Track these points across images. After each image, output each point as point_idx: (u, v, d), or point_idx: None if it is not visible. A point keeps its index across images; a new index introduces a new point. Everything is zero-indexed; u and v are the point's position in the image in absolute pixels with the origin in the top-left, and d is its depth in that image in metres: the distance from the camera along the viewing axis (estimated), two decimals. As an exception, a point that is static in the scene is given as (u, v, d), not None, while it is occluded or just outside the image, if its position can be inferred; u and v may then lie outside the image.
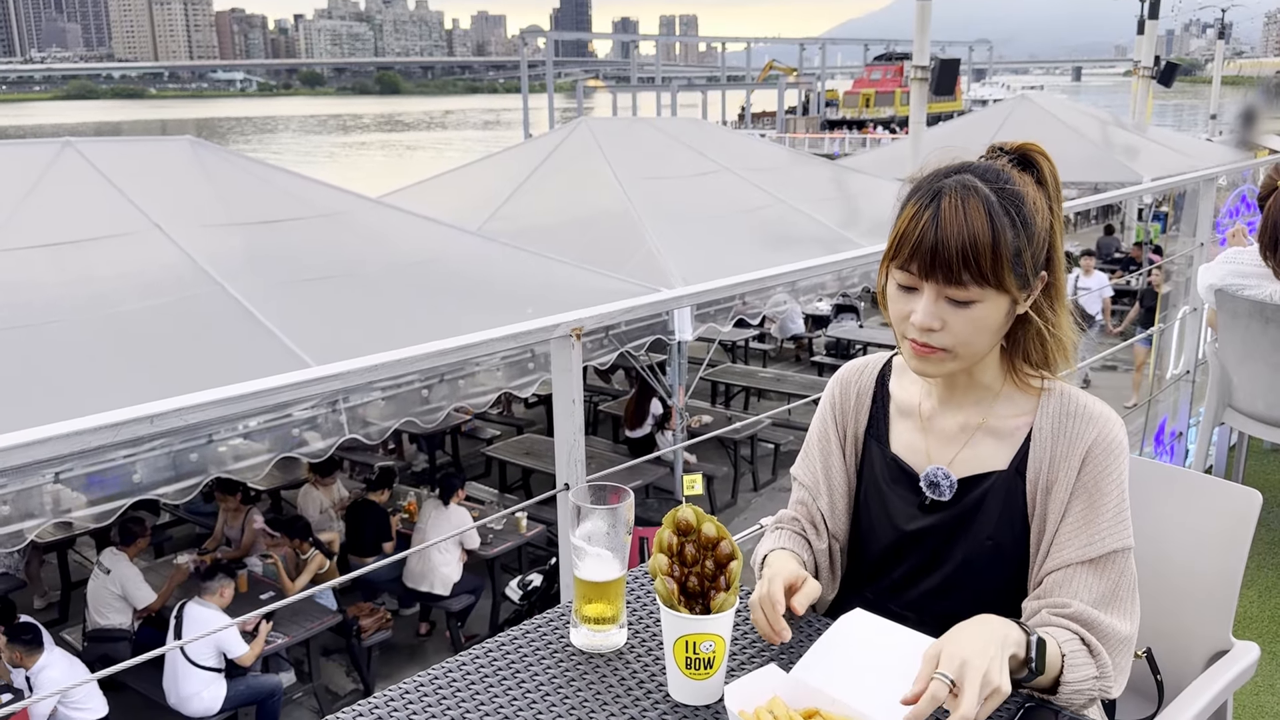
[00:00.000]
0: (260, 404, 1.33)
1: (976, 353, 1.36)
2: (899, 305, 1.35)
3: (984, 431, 1.43)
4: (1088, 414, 1.39)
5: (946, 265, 1.27)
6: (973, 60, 71.11)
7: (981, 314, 1.31)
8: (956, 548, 1.43)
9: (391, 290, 6.66)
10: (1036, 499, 1.40)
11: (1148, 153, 15.82)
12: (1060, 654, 1.28)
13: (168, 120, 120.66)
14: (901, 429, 1.51)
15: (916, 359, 1.36)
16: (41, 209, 6.47)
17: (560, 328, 1.67)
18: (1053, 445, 1.39)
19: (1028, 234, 1.31)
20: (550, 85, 43.26)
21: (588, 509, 1.28)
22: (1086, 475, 1.36)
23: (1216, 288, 3.35)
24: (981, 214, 1.27)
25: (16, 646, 5.26)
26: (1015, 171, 1.36)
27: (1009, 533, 1.41)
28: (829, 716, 1.13)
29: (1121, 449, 1.38)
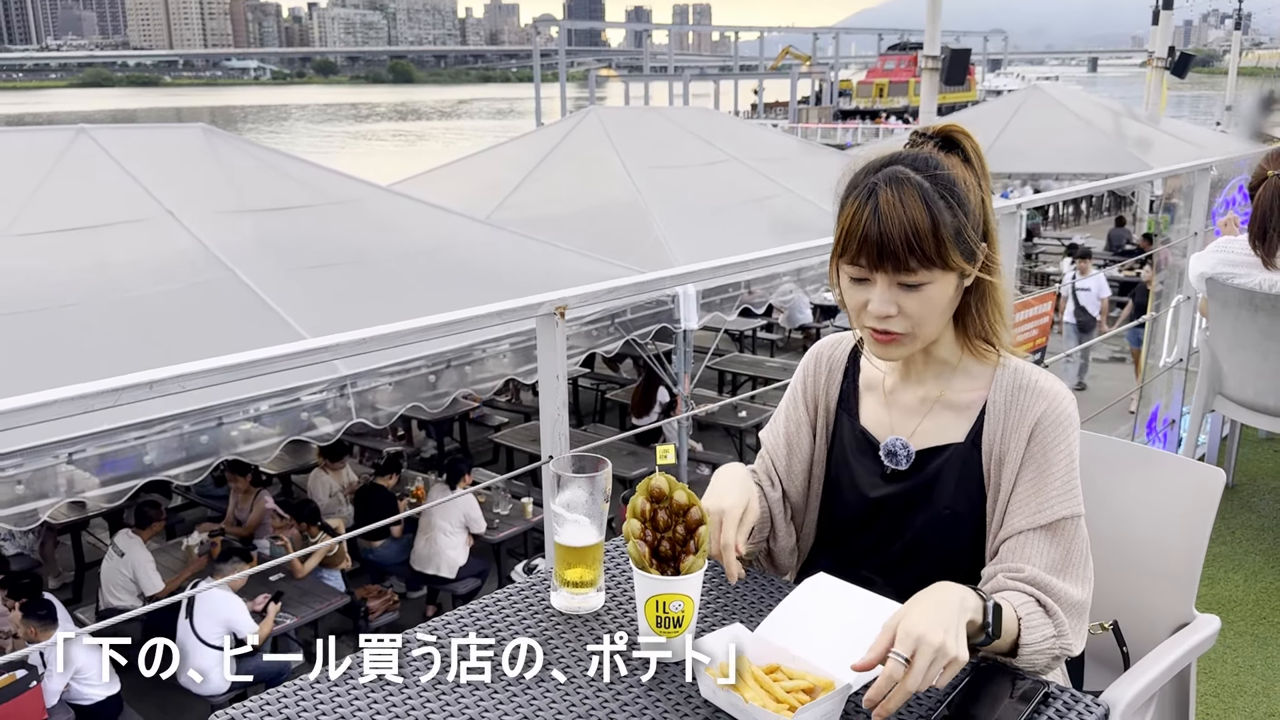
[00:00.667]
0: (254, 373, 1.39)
1: (932, 332, 1.43)
2: (854, 297, 1.42)
3: (941, 405, 1.51)
4: (1037, 388, 1.46)
5: (894, 255, 1.34)
6: (988, 51, 70.82)
7: (932, 294, 1.38)
8: (917, 516, 1.50)
9: (400, 277, 6.74)
10: (991, 469, 1.47)
11: (1160, 144, 15.78)
12: (1016, 617, 1.33)
13: (182, 108, 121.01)
14: (869, 403, 1.59)
15: (878, 346, 1.43)
16: (56, 195, 6.57)
17: (545, 305, 1.73)
18: (1005, 418, 1.46)
19: (964, 212, 1.38)
20: (563, 74, 43.28)
21: (567, 478, 1.35)
22: (1035, 446, 1.43)
23: (1207, 276, 3.39)
24: (918, 202, 1.34)
25: (31, 621, 5.37)
26: (941, 155, 1.43)
27: (966, 502, 1.48)
28: (789, 672, 1.20)
29: (1070, 421, 1.45)
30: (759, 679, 1.18)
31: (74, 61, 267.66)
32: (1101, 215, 24.34)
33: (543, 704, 1.18)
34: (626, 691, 1.21)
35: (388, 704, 1.19)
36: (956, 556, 1.49)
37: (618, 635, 1.29)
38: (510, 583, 5.57)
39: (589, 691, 1.21)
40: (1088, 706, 1.20)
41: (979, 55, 61.80)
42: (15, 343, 5.33)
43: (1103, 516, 1.71)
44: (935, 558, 1.49)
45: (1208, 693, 2.79)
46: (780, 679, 1.19)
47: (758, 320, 13.45)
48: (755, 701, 1.14)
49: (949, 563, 1.47)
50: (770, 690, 1.16)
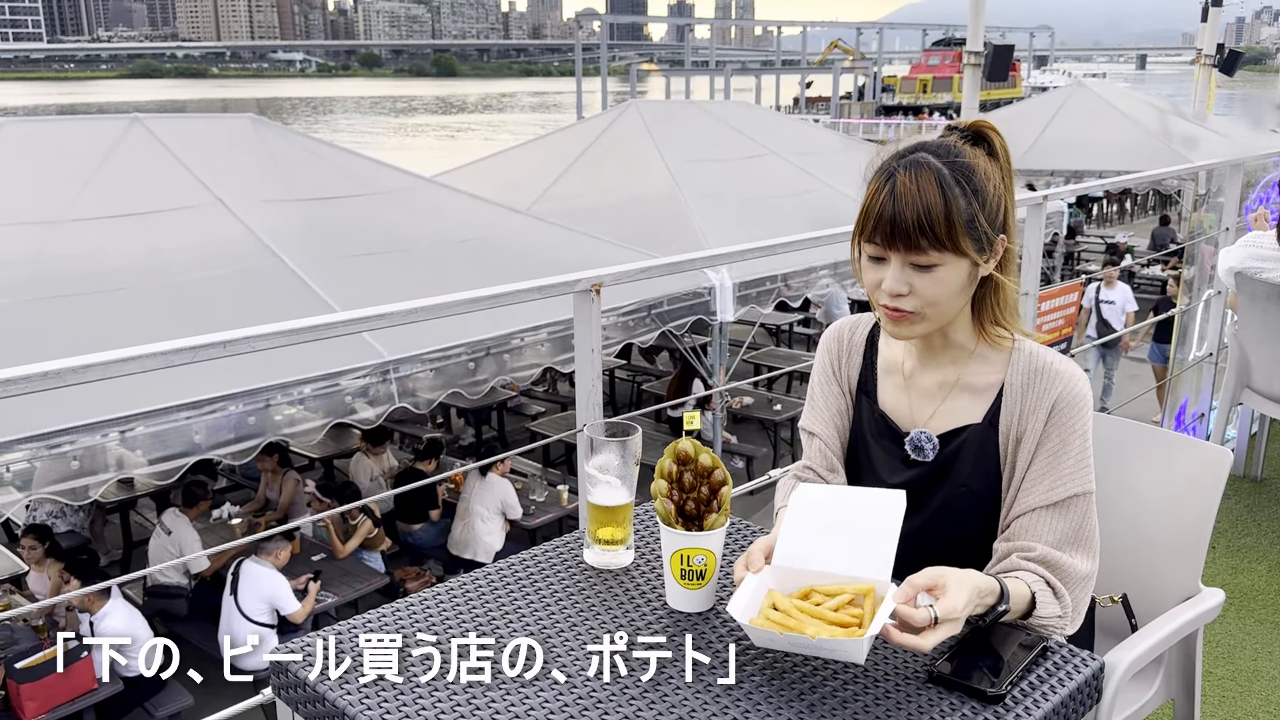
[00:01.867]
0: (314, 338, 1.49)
1: (944, 313, 1.49)
2: (871, 275, 1.49)
3: (960, 388, 1.57)
4: (1053, 370, 1.52)
5: (905, 234, 1.41)
6: (1034, 46, 70.00)
7: (943, 276, 1.44)
8: (935, 495, 1.57)
9: (442, 265, 6.87)
10: (1008, 449, 1.54)
11: (1207, 142, 15.59)
12: (1030, 592, 1.41)
13: (229, 99, 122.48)
14: (887, 386, 1.65)
15: (891, 324, 1.50)
16: (111, 182, 6.76)
17: (582, 283, 1.84)
18: (1022, 399, 1.52)
19: (980, 201, 1.44)
20: (604, 68, 43.40)
21: (600, 442, 1.45)
22: (1051, 426, 1.50)
23: (1236, 270, 3.42)
24: (933, 185, 1.41)
25: (87, 590, 5.58)
26: (968, 146, 1.50)
27: (982, 481, 1.55)
28: (825, 590, 1.25)
29: (1085, 402, 1.52)
30: (803, 609, 1.23)
31: (124, 53, 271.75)
32: (1146, 214, 24.04)
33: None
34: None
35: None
36: (969, 532, 1.56)
37: (618, 635, 1.32)
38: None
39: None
40: (1084, 660, 1.28)
41: (1025, 51, 61.15)
42: (70, 324, 5.52)
43: (1114, 494, 1.78)
44: (949, 532, 1.56)
45: (1225, 677, 2.84)
46: (820, 600, 1.24)
47: (794, 315, 13.47)
48: (822, 634, 1.18)
49: (961, 537, 1.55)
50: (822, 616, 1.21)
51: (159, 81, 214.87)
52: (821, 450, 1.69)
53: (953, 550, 1.53)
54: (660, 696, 1.22)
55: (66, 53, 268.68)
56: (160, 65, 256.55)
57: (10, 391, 1.26)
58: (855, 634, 1.18)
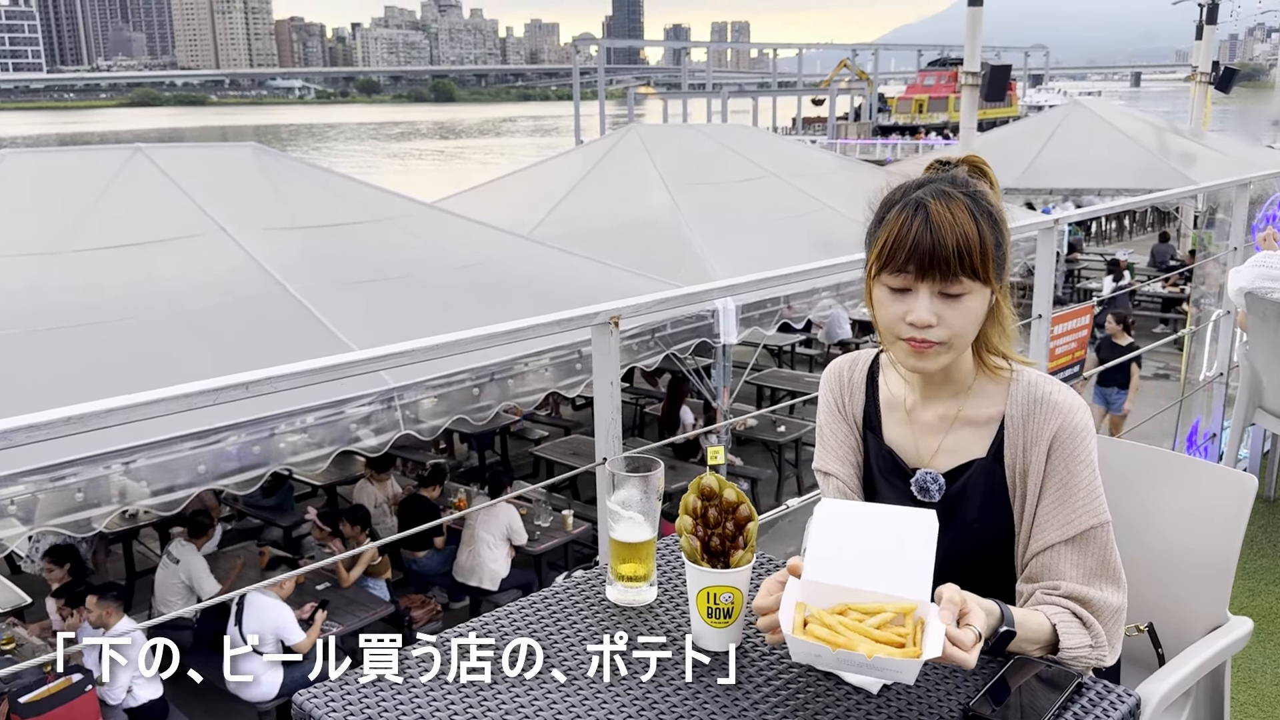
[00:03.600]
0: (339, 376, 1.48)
1: (965, 344, 1.49)
2: (892, 309, 1.46)
3: (961, 421, 1.56)
4: (1051, 402, 1.51)
5: (944, 263, 1.40)
6: (1029, 66, 70.36)
7: (971, 305, 1.44)
8: (945, 532, 1.54)
9: (445, 291, 6.87)
10: (1015, 482, 1.52)
11: (1204, 160, 15.65)
12: (1050, 624, 1.39)
13: (228, 127, 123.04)
14: (891, 421, 1.63)
15: (914, 356, 1.47)
16: (113, 212, 6.77)
17: (600, 315, 1.82)
18: (1024, 431, 1.51)
19: (1000, 232, 1.45)
20: (601, 92, 43.57)
21: (622, 477, 1.43)
22: (1056, 460, 1.48)
23: (1246, 290, 3.41)
24: (967, 214, 1.41)
25: (107, 602, 5.56)
26: (972, 179, 1.51)
27: (993, 515, 1.53)
28: (863, 607, 1.20)
29: (1086, 432, 1.50)
30: (848, 625, 1.18)
31: (123, 81, 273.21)
32: (1145, 231, 24.10)
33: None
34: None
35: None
36: (982, 566, 1.54)
37: (617, 635, 1.32)
38: (552, 593, 5.54)
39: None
40: (1120, 697, 1.26)
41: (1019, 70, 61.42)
42: (74, 355, 5.50)
43: (1138, 522, 1.76)
44: (964, 569, 1.53)
45: (1247, 701, 2.81)
46: (860, 617, 1.20)
47: (796, 335, 13.47)
48: (879, 653, 1.14)
49: (974, 572, 1.52)
50: (867, 633, 1.17)
51: (158, 110, 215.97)
52: (840, 489, 1.67)
53: (967, 585, 1.51)
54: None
55: (66, 82, 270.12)
56: (159, 94, 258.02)
57: (35, 437, 1.24)
58: (911, 654, 1.14)
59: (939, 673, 1.31)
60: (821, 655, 1.16)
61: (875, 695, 1.26)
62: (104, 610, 5.57)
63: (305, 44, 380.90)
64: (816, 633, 1.17)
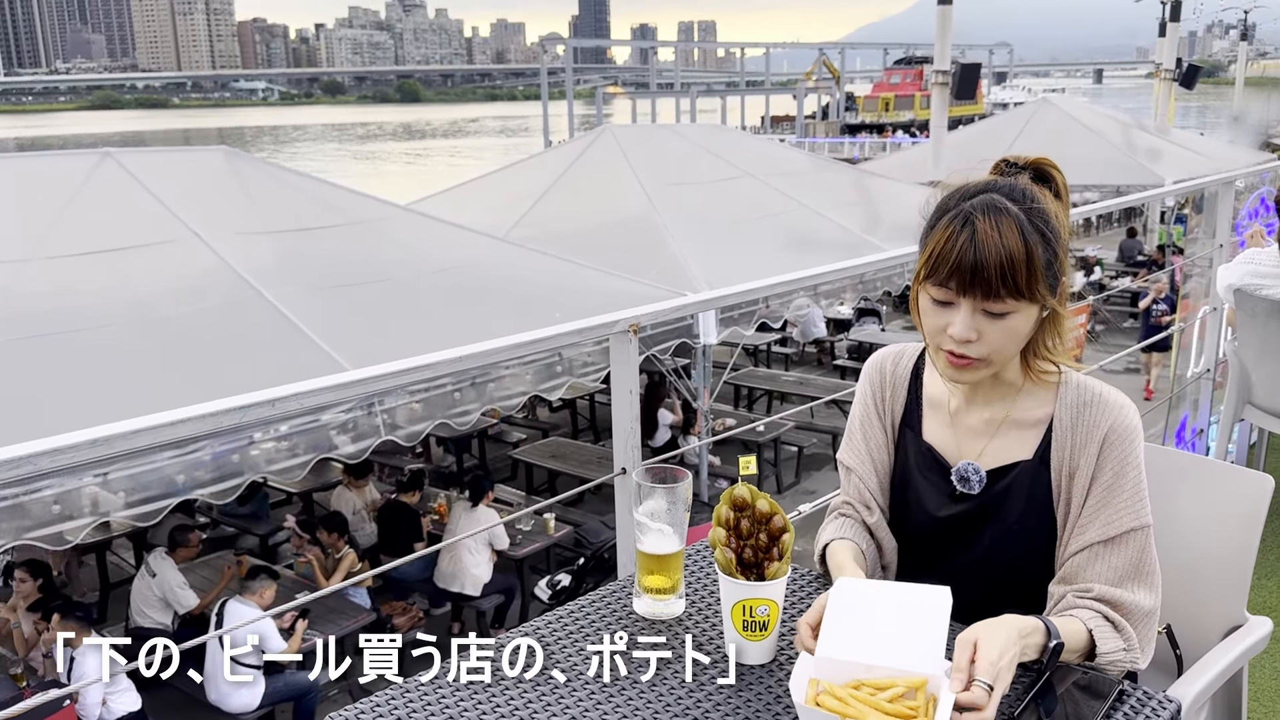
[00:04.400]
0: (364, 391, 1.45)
1: (1006, 359, 1.47)
2: (934, 319, 1.44)
3: (1008, 425, 1.54)
4: (1103, 402, 1.49)
5: (986, 283, 1.37)
6: (993, 63, 70.93)
7: (1015, 324, 1.41)
8: (985, 533, 1.53)
9: (423, 295, 6.80)
10: (1061, 485, 1.50)
11: (1170, 155, 15.81)
12: (1087, 630, 1.38)
13: (190, 130, 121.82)
14: (932, 421, 1.61)
15: (953, 370, 1.46)
16: (83, 218, 6.65)
17: (620, 324, 1.80)
18: (1073, 434, 1.49)
19: (1054, 248, 1.42)
20: (570, 92, 43.48)
21: (649, 488, 1.40)
22: (1104, 460, 1.47)
23: (1235, 287, 3.44)
24: (1015, 233, 1.37)
25: (69, 622, 5.46)
26: (1035, 186, 1.46)
27: (1035, 519, 1.51)
28: (875, 683, 1.21)
29: (1136, 433, 1.49)
30: (858, 698, 1.19)
31: (83, 84, 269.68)
32: (1112, 226, 24.36)
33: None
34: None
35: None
36: (1021, 570, 1.52)
37: (617, 636, 1.31)
38: (535, 600, 5.62)
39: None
40: (1160, 704, 1.25)
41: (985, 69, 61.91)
42: (48, 365, 5.39)
43: (1155, 524, 1.75)
44: (1003, 571, 1.52)
45: (1249, 697, 2.82)
46: (873, 692, 1.20)
47: (772, 335, 13.51)
48: None
49: (1013, 576, 1.51)
50: (878, 706, 1.17)
51: (119, 113, 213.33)
52: (858, 487, 1.66)
53: (1004, 590, 1.50)
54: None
55: (24, 85, 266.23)
56: (120, 96, 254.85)
57: (60, 462, 1.20)
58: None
59: (979, 684, 1.29)
60: None
61: None
62: (69, 626, 5.48)
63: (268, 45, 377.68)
64: (828, 704, 1.18)
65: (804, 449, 10.15)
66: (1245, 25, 33.38)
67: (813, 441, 10.27)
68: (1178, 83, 20.71)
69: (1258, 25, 66.97)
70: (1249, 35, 33.95)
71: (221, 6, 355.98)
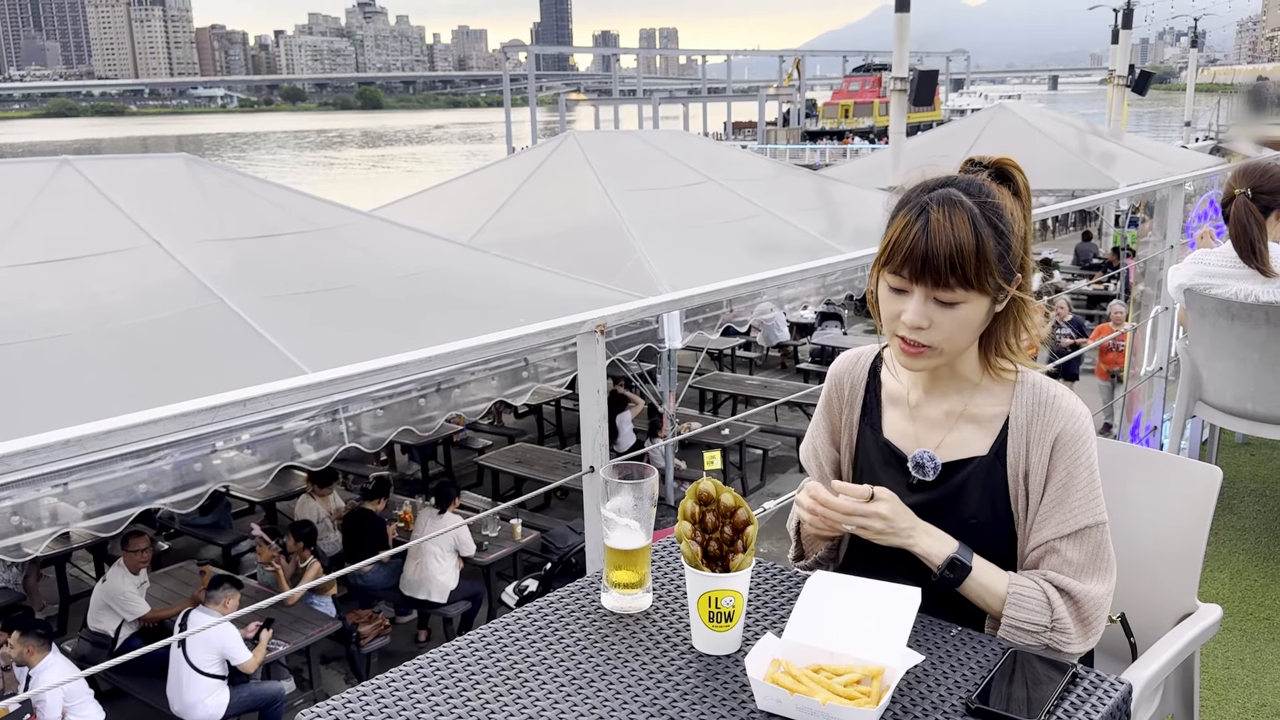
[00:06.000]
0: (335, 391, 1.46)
1: (958, 349, 1.52)
2: (890, 306, 1.50)
3: (965, 419, 1.59)
4: (1056, 405, 1.55)
5: (935, 271, 1.43)
6: (950, 70, 71.75)
7: (965, 314, 1.47)
8: (943, 526, 1.56)
9: (388, 302, 6.78)
10: (1016, 482, 1.55)
11: (1124, 159, 16.08)
12: (1005, 584, 1.48)
13: (148, 137, 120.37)
14: (892, 416, 1.66)
15: (906, 357, 1.52)
16: (41, 226, 6.57)
17: (587, 324, 1.82)
18: (1027, 433, 1.54)
19: (1007, 242, 1.46)
20: (532, 99, 43.45)
21: (615, 484, 1.43)
22: (1057, 460, 1.52)
23: (1186, 287, 3.52)
24: (966, 225, 1.43)
25: (29, 640, 5.39)
26: (994, 184, 1.52)
27: (990, 513, 1.56)
28: (834, 668, 1.26)
29: (1088, 436, 1.54)
30: (814, 679, 1.23)
31: (38, 92, 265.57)
32: (1067, 230, 24.71)
33: (545, 705, 1.22)
34: (590, 684, 1.26)
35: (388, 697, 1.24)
36: None
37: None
38: (502, 606, 5.63)
39: (558, 684, 1.26)
40: (1112, 684, 1.29)
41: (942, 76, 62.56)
42: (4, 375, 5.33)
43: (1110, 515, 1.80)
44: None
45: (1202, 685, 2.89)
46: (830, 676, 1.25)
47: (736, 339, 13.59)
48: (834, 701, 1.19)
49: None
50: (832, 688, 1.22)
51: (76, 120, 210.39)
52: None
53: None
54: (625, 687, 1.25)
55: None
56: (76, 104, 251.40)
57: (32, 462, 1.20)
58: (865, 705, 1.19)
59: (940, 669, 1.33)
60: (782, 702, 1.22)
61: None
62: (25, 648, 5.41)
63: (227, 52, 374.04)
64: (784, 682, 1.23)
65: (769, 451, 10.21)
66: (1195, 32, 34.02)
67: (777, 444, 10.34)
68: (1131, 89, 21.07)
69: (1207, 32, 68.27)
70: (1199, 42, 34.59)
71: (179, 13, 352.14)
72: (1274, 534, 3.90)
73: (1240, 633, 3.19)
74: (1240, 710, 2.81)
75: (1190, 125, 31.57)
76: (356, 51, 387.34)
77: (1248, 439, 4.66)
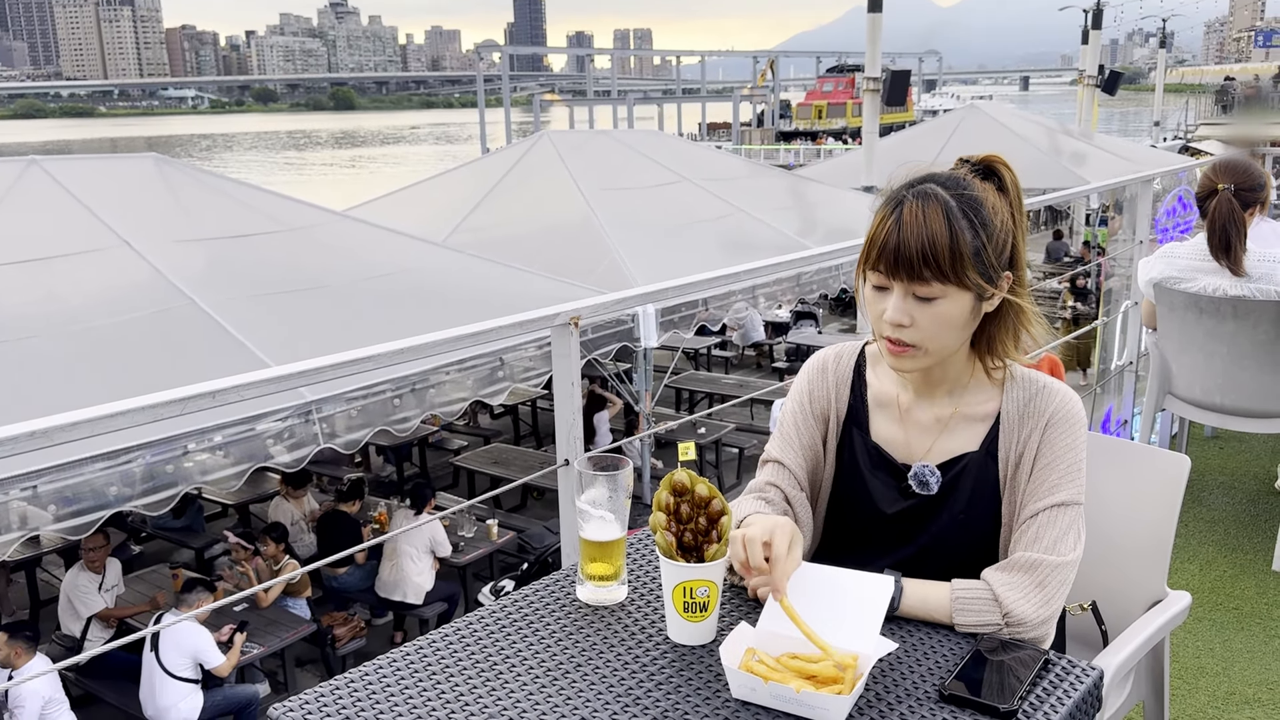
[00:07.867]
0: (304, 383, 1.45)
1: (945, 347, 1.49)
2: (874, 305, 1.48)
3: (957, 419, 1.57)
4: (1048, 390, 1.54)
5: (909, 264, 1.41)
6: (923, 71, 72.07)
7: (945, 309, 1.44)
8: (932, 524, 1.56)
9: (360, 302, 6.75)
10: (1007, 475, 1.54)
11: (1094, 159, 16.24)
12: (949, 597, 1.43)
13: (119, 138, 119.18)
14: (881, 419, 1.62)
15: (892, 357, 1.50)
16: (8, 226, 6.50)
17: (560, 316, 1.82)
18: (1020, 426, 1.53)
19: (986, 234, 1.44)
20: (506, 99, 43.30)
21: (590, 476, 1.42)
22: (1046, 441, 1.51)
23: (1155, 282, 3.56)
24: (940, 217, 1.41)
25: (17, 642, 5.35)
26: (977, 180, 1.50)
27: (980, 508, 1.55)
28: (807, 657, 1.27)
29: (1077, 418, 1.53)
30: (788, 666, 1.24)
31: (4, 93, 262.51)
32: (1039, 229, 24.90)
33: (525, 705, 1.21)
34: (565, 675, 1.26)
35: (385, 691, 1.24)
36: (963, 558, 1.55)
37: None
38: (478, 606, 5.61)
39: (532, 676, 1.26)
40: (1084, 670, 1.30)
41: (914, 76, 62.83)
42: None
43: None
44: (947, 558, 1.55)
45: (1172, 674, 2.92)
46: (803, 664, 1.25)
47: (712, 338, 13.60)
48: (808, 688, 1.20)
49: (956, 563, 1.54)
50: (801, 673, 1.23)
51: (44, 122, 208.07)
52: (790, 477, 1.64)
53: (950, 573, 1.53)
54: (600, 678, 1.25)
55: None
56: (44, 105, 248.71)
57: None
58: (837, 691, 1.20)
59: (913, 656, 1.34)
60: (757, 690, 1.22)
61: None
62: (13, 650, 5.36)
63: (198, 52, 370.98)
64: (757, 669, 1.23)
65: (744, 450, 10.23)
66: (1164, 33, 34.41)
67: (753, 443, 10.36)
68: (1101, 89, 21.28)
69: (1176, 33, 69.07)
70: (1167, 43, 34.99)
71: (149, 13, 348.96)
72: (1242, 525, 3.95)
73: (1210, 622, 3.23)
74: (1210, 698, 2.84)
75: (1159, 125, 31.94)
76: (329, 52, 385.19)
77: (1216, 432, 4.72)
